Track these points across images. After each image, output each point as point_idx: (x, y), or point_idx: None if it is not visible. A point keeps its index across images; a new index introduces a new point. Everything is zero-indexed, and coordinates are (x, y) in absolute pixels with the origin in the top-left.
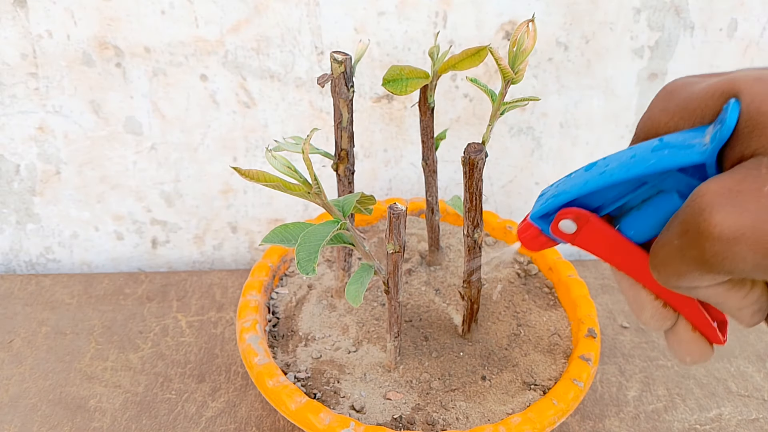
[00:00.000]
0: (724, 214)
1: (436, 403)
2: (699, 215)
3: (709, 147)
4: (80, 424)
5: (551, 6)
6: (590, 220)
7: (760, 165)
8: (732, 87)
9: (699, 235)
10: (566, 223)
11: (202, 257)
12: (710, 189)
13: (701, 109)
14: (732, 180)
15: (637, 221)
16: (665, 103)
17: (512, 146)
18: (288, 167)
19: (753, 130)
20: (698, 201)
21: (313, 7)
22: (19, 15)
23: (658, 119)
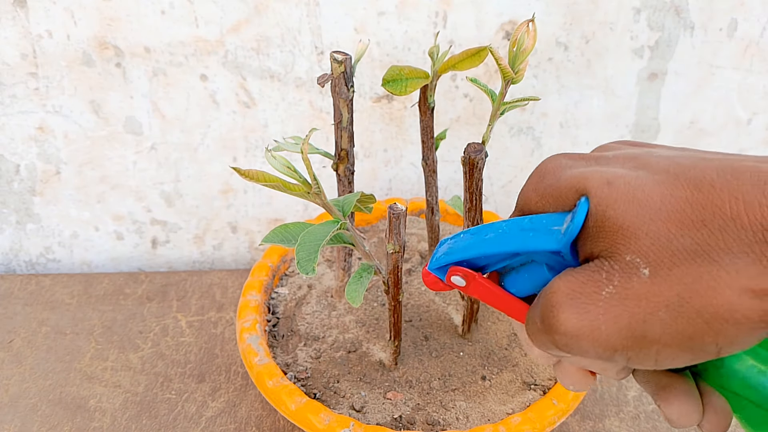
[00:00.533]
0: (567, 314)
1: (436, 403)
2: (550, 311)
3: (563, 240)
4: (80, 424)
5: (551, 6)
6: (475, 278)
7: (601, 269)
8: (584, 187)
9: (550, 327)
10: (456, 278)
11: (202, 257)
12: (560, 288)
13: (562, 198)
14: (577, 282)
15: (517, 281)
16: (537, 183)
17: (512, 146)
18: (288, 167)
19: (599, 232)
20: (550, 297)
21: (313, 7)
22: (19, 15)
23: (529, 197)
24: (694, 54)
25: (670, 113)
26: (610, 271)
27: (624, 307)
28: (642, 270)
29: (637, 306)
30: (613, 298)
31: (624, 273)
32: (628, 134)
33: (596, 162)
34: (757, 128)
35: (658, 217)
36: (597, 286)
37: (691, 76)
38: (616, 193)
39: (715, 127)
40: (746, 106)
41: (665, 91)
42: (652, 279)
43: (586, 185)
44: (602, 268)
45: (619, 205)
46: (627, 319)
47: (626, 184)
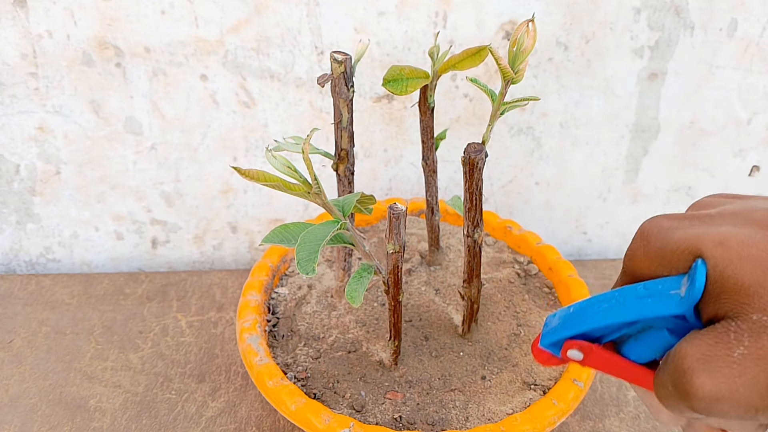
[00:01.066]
0: (703, 378)
1: (436, 403)
2: (682, 377)
3: (685, 304)
4: (80, 424)
5: (551, 6)
6: (594, 350)
7: (729, 330)
8: (697, 249)
9: (686, 393)
10: (573, 352)
11: (202, 257)
12: (689, 352)
13: (675, 261)
14: (706, 345)
15: (636, 348)
16: (644, 248)
17: (512, 146)
18: (288, 167)
19: (720, 293)
20: (680, 363)
21: (313, 7)
22: (19, 15)
23: (639, 262)
24: (694, 54)
25: (670, 113)
26: (738, 331)
27: (759, 367)
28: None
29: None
30: (746, 359)
31: (753, 332)
32: (628, 134)
33: (701, 222)
34: (757, 128)
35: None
36: (728, 347)
37: (691, 76)
38: (731, 253)
39: (715, 127)
40: (746, 106)
41: (665, 91)
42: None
43: (700, 247)
44: (729, 329)
45: (736, 265)
46: (765, 379)
47: (739, 242)
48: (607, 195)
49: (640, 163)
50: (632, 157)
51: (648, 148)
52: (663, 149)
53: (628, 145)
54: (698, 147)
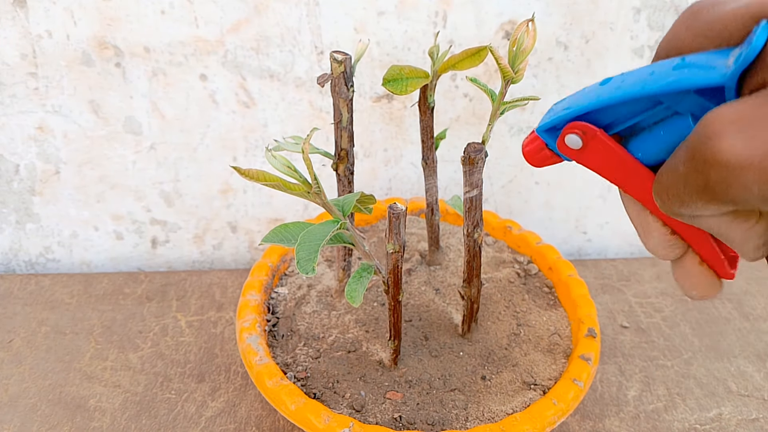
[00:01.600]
0: (733, 140)
1: (436, 403)
2: (707, 141)
3: (732, 68)
4: (80, 424)
5: (551, 6)
6: (597, 135)
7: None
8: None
9: (705, 162)
10: (572, 137)
11: (202, 257)
12: (722, 114)
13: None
14: (747, 106)
15: (647, 143)
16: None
17: (512, 146)
18: (288, 167)
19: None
20: (708, 126)
21: (313, 7)
22: (19, 15)
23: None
24: None
25: None
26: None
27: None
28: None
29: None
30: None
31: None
32: None
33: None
34: None
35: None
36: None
37: None
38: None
39: None
40: None
41: None
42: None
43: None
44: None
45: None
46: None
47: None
48: (607, 195)
49: None
50: None
51: None
52: None
53: None
54: None
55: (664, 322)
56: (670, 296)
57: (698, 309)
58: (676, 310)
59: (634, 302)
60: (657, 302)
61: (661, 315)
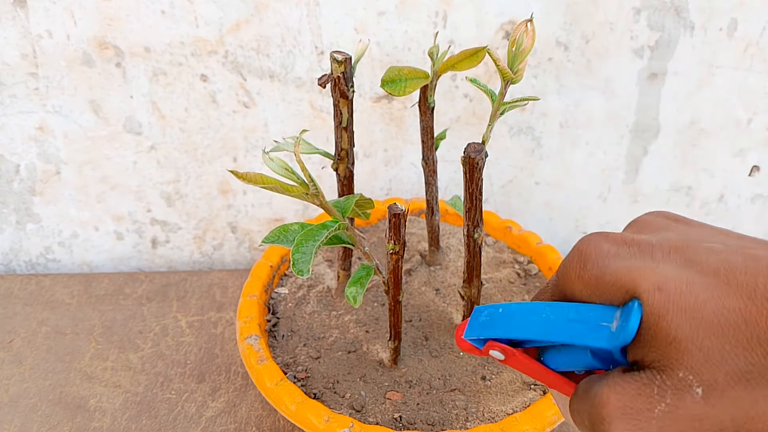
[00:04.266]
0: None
1: (436, 403)
2: (601, 423)
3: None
4: (80, 424)
5: (551, 6)
6: (515, 354)
7: (653, 383)
8: (634, 288)
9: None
10: (495, 352)
11: (202, 257)
12: (610, 401)
13: (609, 293)
14: (628, 396)
15: (557, 359)
16: (579, 270)
17: (512, 146)
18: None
19: (650, 341)
20: (600, 409)
21: (313, 7)
22: (19, 15)
23: (572, 283)
24: (694, 54)
25: (670, 113)
26: (663, 386)
27: (677, 427)
28: (695, 389)
29: (690, 427)
30: (666, 417)
31: (676, 390)
32: (628, 134)
33: (641, 252)
34: (757, 128)
35: (711, 332)
36: (650, 402)
37: (691, 76)
38: (668, 302)
39: (715, 127)
40: (746, 106)
41: (665, 91)
42: (705, 400)
43: (636, 287)
44: (654, 382)
45: (671, 316)
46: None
47: (677, 290)
48: (607, 195)
49: (640, 163)
50: (632, 157)
51: (648, 148)
52: (663, 149)
53: (628, 145)
54: (698, 147)
55: None
56: None
57: None
58: None
59: None
60: None
61: None
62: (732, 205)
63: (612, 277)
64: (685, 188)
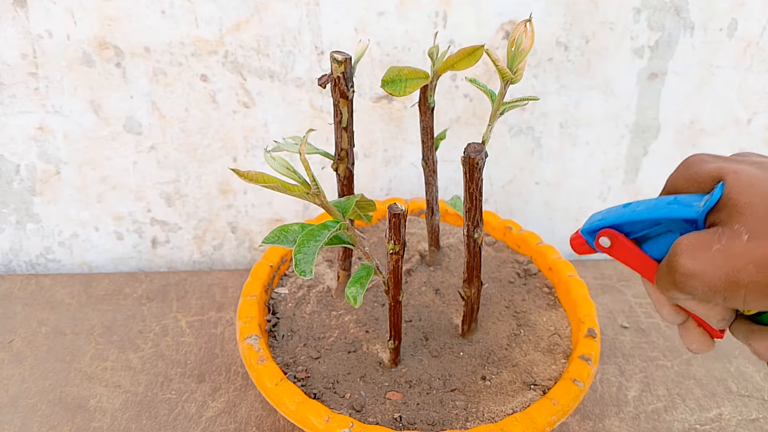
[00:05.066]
0: (685, 258)
1: (436, 403)
2: (673, 257)
3: (700, 210)
4: (80, 424)
5: (551, 6)
6: (620, 239)
7: (716, 232)
8: (720, 175)
9: (672, 269)
10: (604, 239)
11: (202, 257)
12: (683, 242)
13: (704, 183)
14: (697, 238)
15: (654, 246)
16: (684, 171)
17: (512, 146)
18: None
19: (723, 207)
20: (675, 248)
21: (313, 7)
22: (19, 15)
23: (677, 182)
24: (694, 54)
25: (670, 113)
26: (722, 234)
27: (725, 259)
28: (743, 236)
29: (735, 259)
30: (718, 253)
31: (730, 236)
32: (628, 134)
33: (731, 160)
34: (757, 128)
35: (763, 201)
36: (710, 242)
37: (691, 76)
38: (740, 180)
39: (715, 127)
40: (746, 106)
41: (665, 91)
42: (749, 242)
43: (722, 174)
44: (717, 231)
45: (740, 189)
46: (726, 268)
47: (748, 174)
48: (607, 195)
49: (640, 163)
50: (632, 157)
51: (648, 148)
52: (663, 149)
53: (628, 145)
54: (698, 147)
55: (664, 323)
56: None
57: None
58: None
59: (634, 302)
60: None
61: None
62: None
63: (707, 172)
64: None
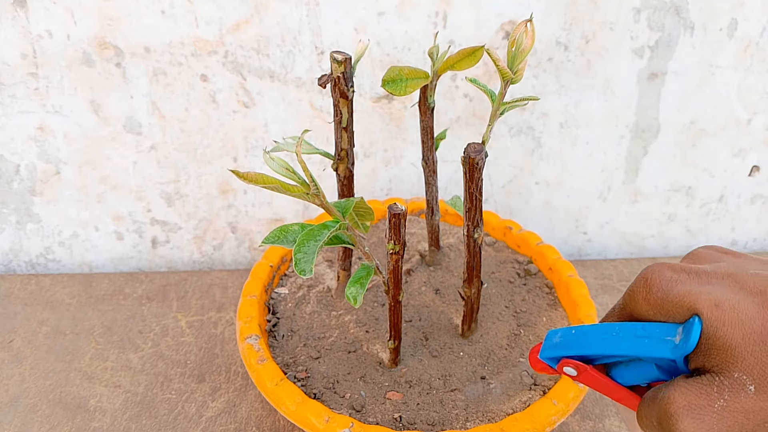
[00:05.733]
0: (686, 424)
1: (436, 403)
2: (669, 419)
3: (678, 352)
4: (80, 424)
5: (551, 6)
6: (587, 370)
7: (713, 384)
8: (695, 307)
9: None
10: (568, 369)
11: (202, 257)
12: (677, 399)
13: (672, 312)
14: (692, 394)
15: (625, 374)
16: (646, 294)
17: (512, 146)
18: (286, 168)
19: (709, 350)
20: (668, 407)
21: (313, 7)
22: (19, 15)
23: (639, 305)
24: (694, 54)
25: (670, 113)
26: (721, 386)
27: (734, 419)
28: (749, 386)
29: (745, 418)
30: (724, 411)
31: (733, 389)
32: (628, 134)
33: (699, 279)
34: (757, 128)
35: (760, 340)
36: (710, 399)
37: (691, 76)
38: (724, 316)
39: (715, 127)
40: (746, 106)
41: (665, 91)
42: (757, 395)
43: (697, 306)
44: (713, 382)
45: (727, 328)
46: (738, 430)
47: (732, 308)
48: (607, 195)
49: (640, 163)
50: (632, 157)
51: (648, 148)
52: (663, 149)
53: (628, 145)
54: (698, 147)
55: None
56: None
57: None
58: None
59: None
60: None
61: None
62: (732, 205)
63: (675, 299)
64: (685, 188)
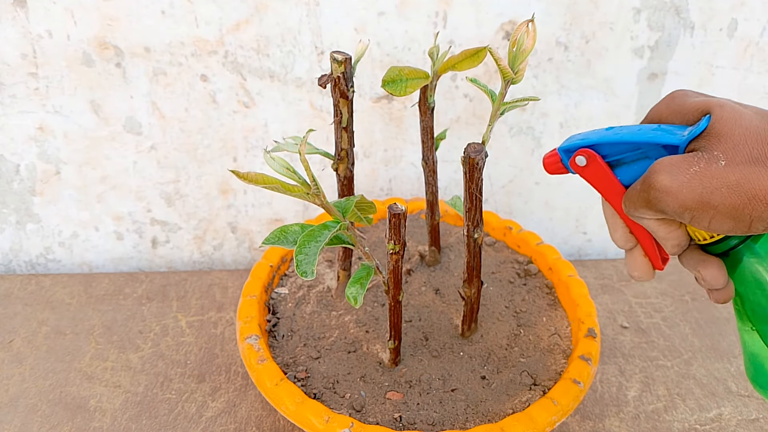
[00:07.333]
0: (664, 176)
1: (436, 403)
2: (651, 174)
3: (684, 138)
4: (80, 424)
5: (551, 6)
6: (596, 159)
7: (695, 156)
8: (707, 108)
9: (648, 186)
10: (581, 158)
11: (202, 257)
12: (663, 161)
13: (688, 114)
14: (678, 159)
15: (626, 171)
16: (668, 102)
17: (512, 146)
18: (287, 168)
19: (707, 136)
20: (655, 166)
21: (313, 7)
22: (19, 15)
23: (662, 112)
24: (694, 54)
25: None
26: (701, 158)
27: (701, 181)
28: (720, 161)
29: (709, 181)
30: (696, 174)
31: (709, 161)
32: None
33: (714, 97)
34: None
35: (744, 133)
36: (689, 164)
37: (691, 76)
38: (725, 113)
39: None
40: None
41: (665, 91)
42: (725, 167)
43: (708, 107)
44: (696, 156)
45: (724, 120)
46: (700, 189)
47: (733, 109)
48: None
49: None
50: None
51: None
52: None
53: None
54: None
55: (664, 323)
56: (670, 297)
57: (698, 309)
58: (676, 310)
59: (634, 302)
60: (657, 302)
61: (661, 315)
62: None
63: (693, 104)
64: None
